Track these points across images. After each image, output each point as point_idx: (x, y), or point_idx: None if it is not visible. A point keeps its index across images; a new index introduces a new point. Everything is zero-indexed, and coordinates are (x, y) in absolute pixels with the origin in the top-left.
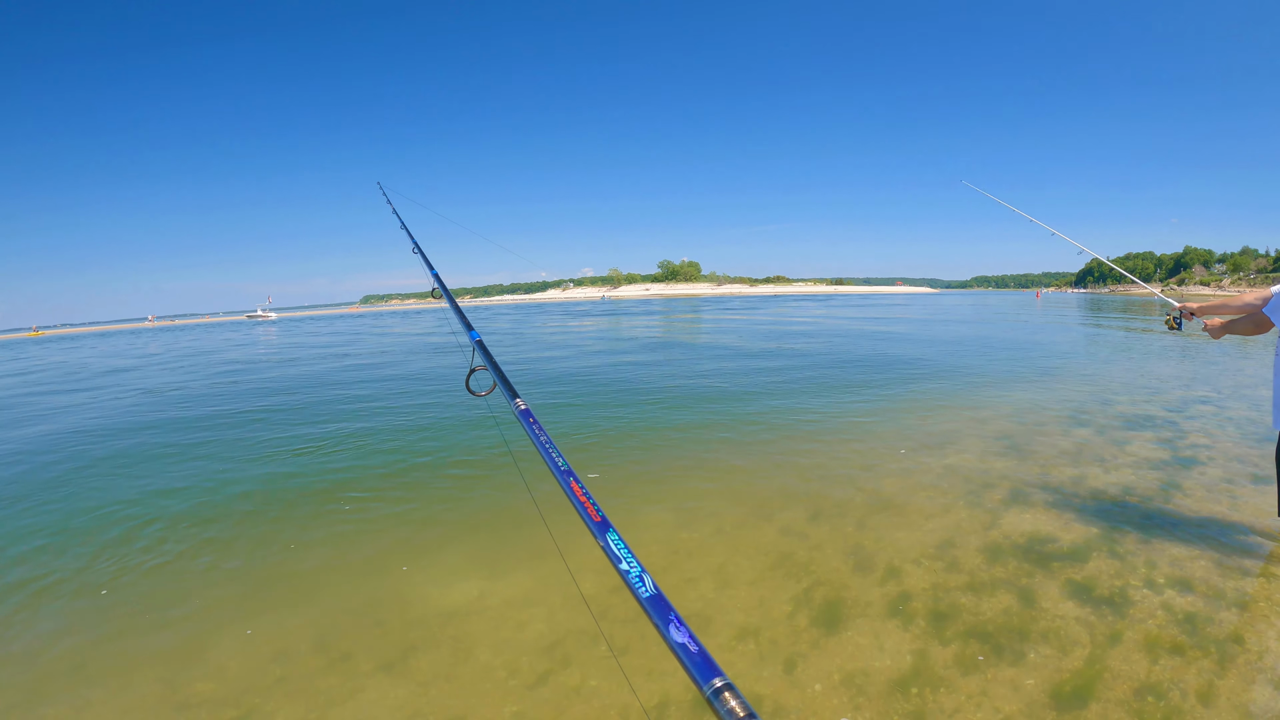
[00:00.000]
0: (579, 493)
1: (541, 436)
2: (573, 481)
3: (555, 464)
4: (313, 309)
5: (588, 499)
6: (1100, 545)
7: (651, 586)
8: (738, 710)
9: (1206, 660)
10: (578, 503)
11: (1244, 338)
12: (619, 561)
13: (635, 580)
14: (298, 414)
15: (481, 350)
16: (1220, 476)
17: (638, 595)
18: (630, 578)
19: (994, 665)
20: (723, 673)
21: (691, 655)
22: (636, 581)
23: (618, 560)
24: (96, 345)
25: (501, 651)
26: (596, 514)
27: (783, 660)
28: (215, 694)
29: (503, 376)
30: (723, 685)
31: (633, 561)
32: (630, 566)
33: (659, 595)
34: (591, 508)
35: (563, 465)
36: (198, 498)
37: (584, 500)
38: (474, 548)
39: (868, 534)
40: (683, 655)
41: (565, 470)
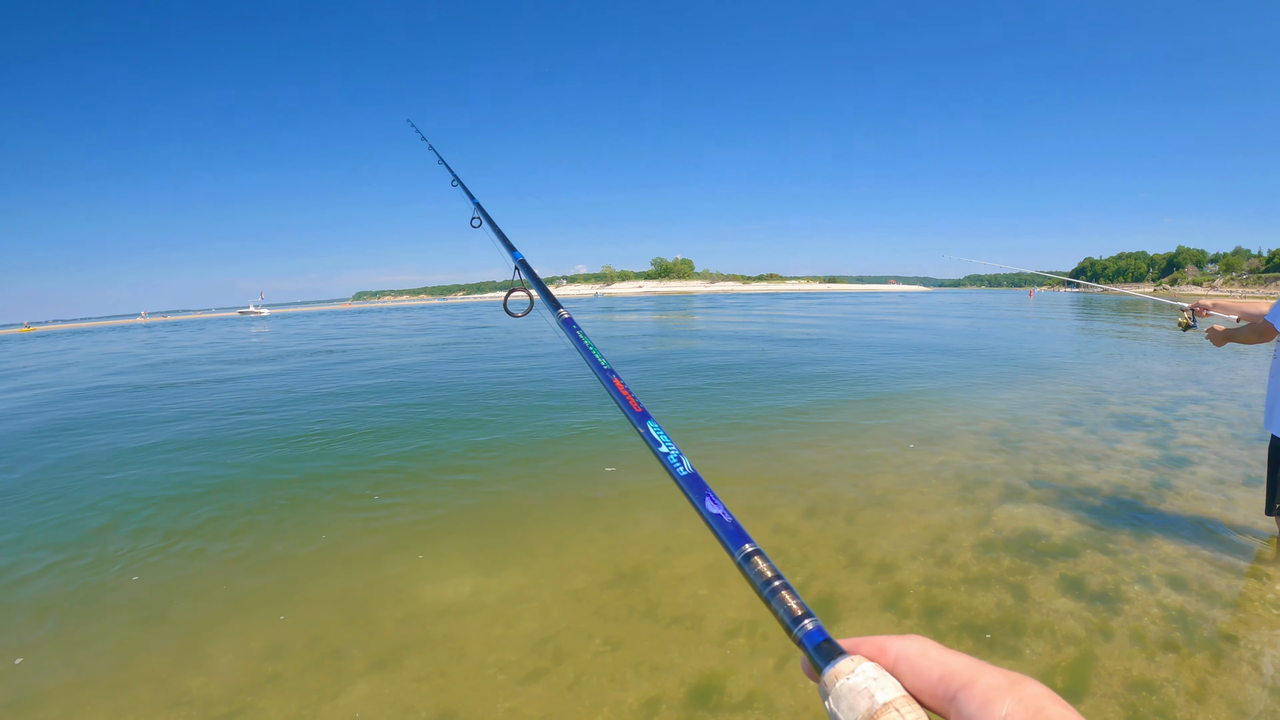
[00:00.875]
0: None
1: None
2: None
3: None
4: (305, 305)
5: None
6: (1093, 542)
7: (689, 466)
8: (765, 571)
9: (1199, 657)
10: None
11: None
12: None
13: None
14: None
15: (525, 269)
16: (1212, 476)
17: (675, 474)
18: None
19: (987, 660)
20: (753, 540)
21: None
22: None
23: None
24: (113, 340)
25: (494, 648)
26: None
27: (776, 656)
28: (208, 691)
29: (546, 291)
30: (753, 550)
31: (670, 445)
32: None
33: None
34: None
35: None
36: (189, 495)
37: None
38: (467, 545)
39: (861, 530)
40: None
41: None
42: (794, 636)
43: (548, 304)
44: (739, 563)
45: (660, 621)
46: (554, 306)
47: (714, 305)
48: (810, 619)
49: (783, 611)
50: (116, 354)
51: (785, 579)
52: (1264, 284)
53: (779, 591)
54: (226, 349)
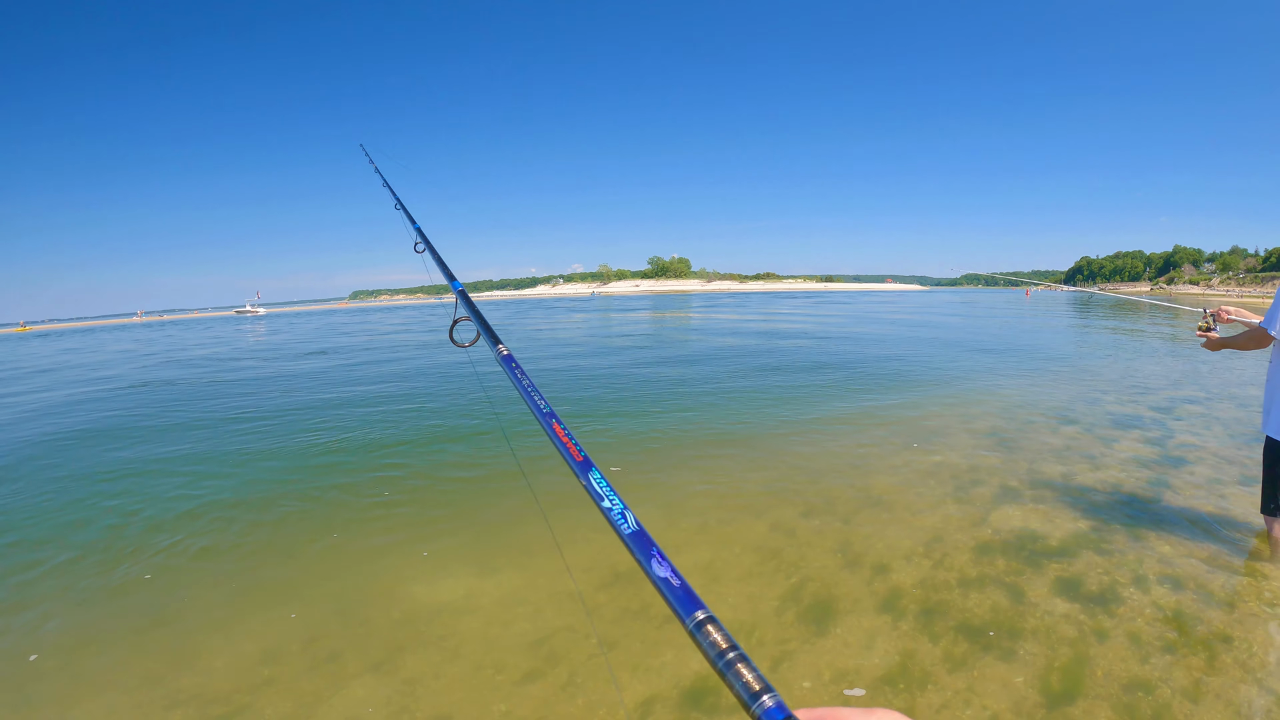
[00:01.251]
0: (561, 434)
1: (524, 381)
2: (555, 423)
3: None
4: (301, 304)
5: (569, 439)
6: (1089, 543)
7: (634, 523)
8: (720, 642)
9: (1195, 658)
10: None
11: None
12: (601, 499)
13: (618, 517)
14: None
15: (464, 300)
16: (1208, 476)
17: (620, 531)
18: (613, 515)
19: (983, 662)
20: (705, 605)
21: (674, 589)
22: (619, 519)
23: (600, 498)
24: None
25: (489, 649)
26: (579, 454)
27: (771, 657)
28: (204, 692)
29: (485, 325)
30: (705, 618)
31: (615, 499)
32: (612, 504)
33: (641, 531)
34: (574, 448)
35: (545, 408)
36: (186, 497)
37: (566, 441)
38: (462, 546)
39: (857, 531)
40: (665, 590)
41: (548, 413)
42: (751, 713)
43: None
44: (690, 630)
45: (654, 622)
46: (494, 342)
47: (712, 304)
48: (770, 694)
49: (739, 686)
50: (143, 353)
51: (741, 649)
52: (1261, 283)
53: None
54: (240, 347)
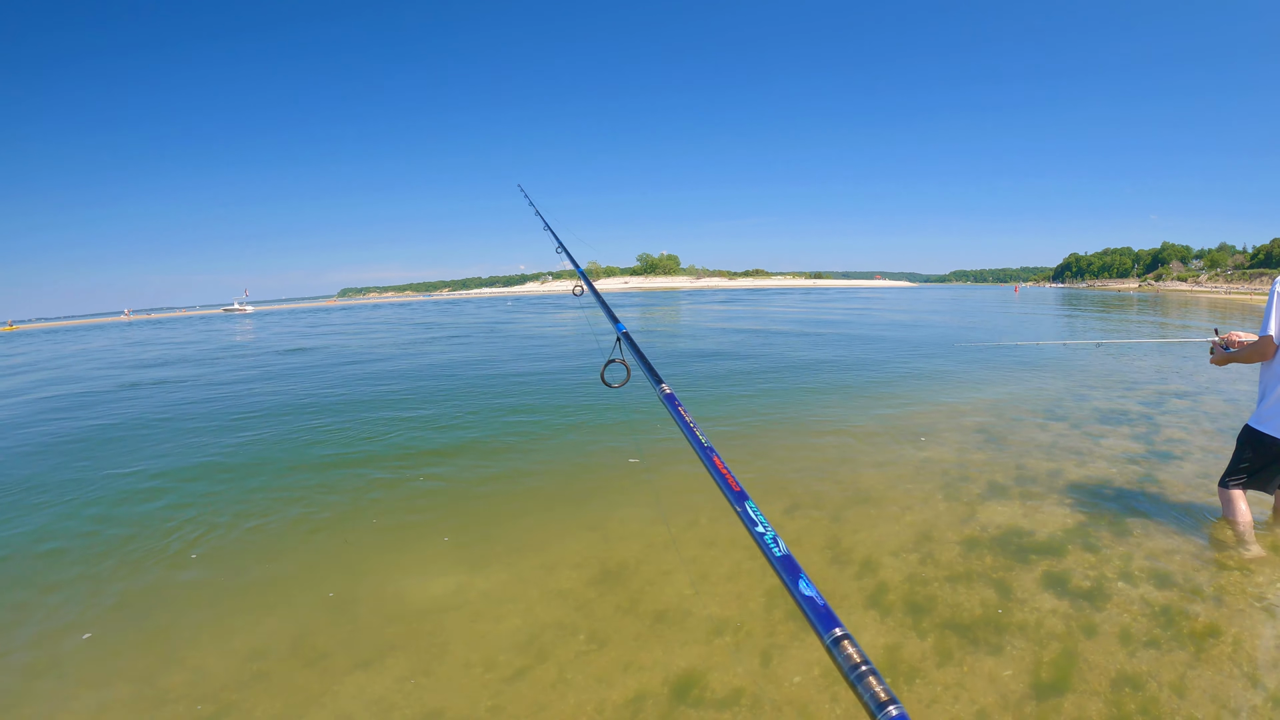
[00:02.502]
0: (720, 466)
1: (687, 418)
2: (715, 457)
3: (699, 442)
4: (290, 302)
5: (728, 472)
6: (1077, 538)
7: (784, 549)
8: (854, 656)
9: (1182, 652)
10: (719, 475)
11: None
12: (754, 525)
13: (770, 542)
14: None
15: (627, 342)
16: (1196, 471)
17: (770, 555)
18: (765, 540)
19: (971, 657)
20: (842, 624)
21: (817, 608)
22: (771, 544)
23: (753, 524)
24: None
25: (478, 647)
26: (736, 485)
27: (760, 653)
28: (192, 691)
29: (647, 364)
30: (842, 635)
31: (768, 526)
32: (765, 530)
33: (789, 556)
34: (732, 479)
35: (706, 444)
36: (172, 492)
37: (725, 473)
38: (451, 544)
39: (845, 527)
40: (808, 608)
41: (709, 448)
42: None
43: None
44: (828, 645)
45: (644, 618)
46: (656, 381)
47: (700, 300)
48: (895, 705)
49: (868, 696)
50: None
51: (871, 664)
52: (1248, 279)
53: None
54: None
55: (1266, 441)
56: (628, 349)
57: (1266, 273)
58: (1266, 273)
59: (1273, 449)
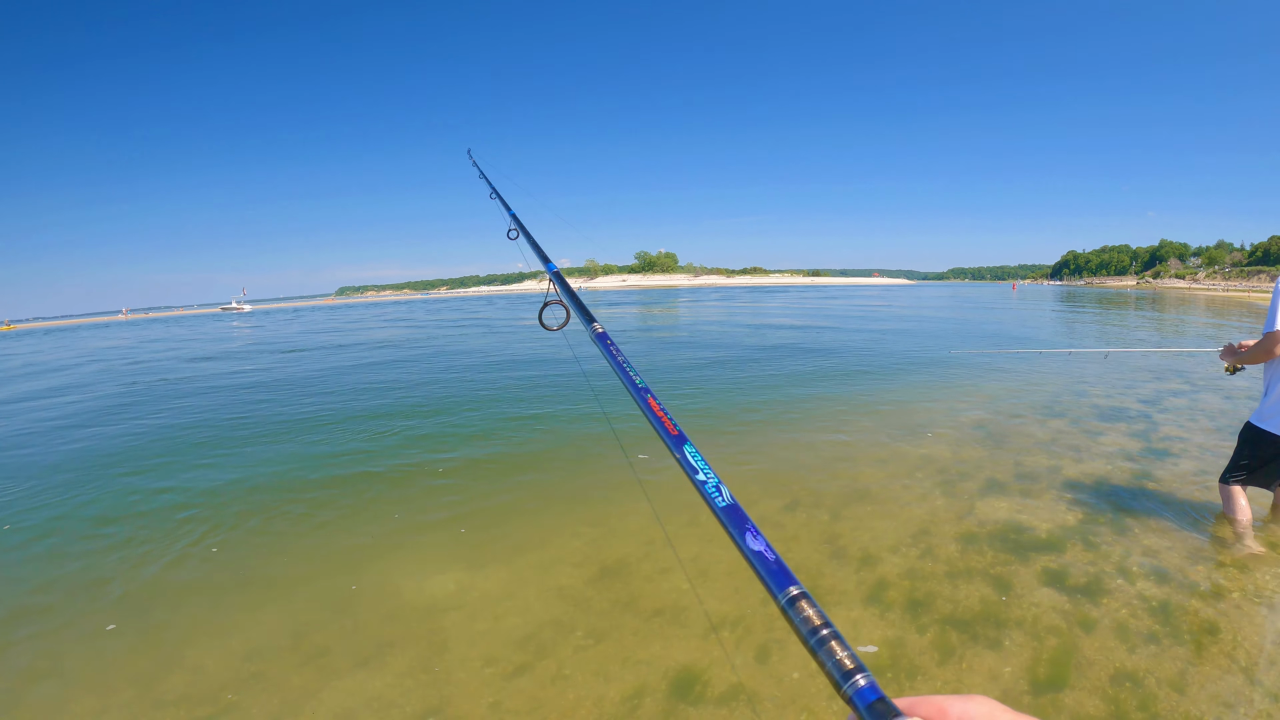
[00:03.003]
0: (655, 408)
1: (619, 357)
2: (649, 398)
3: (632, 382)
4: (288, 301)
5: (664, 414)
6: (1075, 534)
7: (728, 497)
8: (813, 618)
9: (1181, 648)
10: (654, 418)
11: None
12: (695, 473)
13: (712, 490)
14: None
15: (558, 280)
16: (1194, 469)
17: (713, 505)
18: (707, 488)
19: (971, 652)
20: (798, 581)
21: (767, 563)
22: (713, 491)
23: (694, 471)
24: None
25: (478, 644)
26: (674, 428)
27: (758, 648)
28: (191, 691)
29: (579, 304)
30: (798, 593)
31: (709, 473)
32: (707, 477)
33: (735, 505)
34: (669, 422)
35: (640, 383)
36: (170, 494)
37: (661, 415)
38: (450, 542)
39: (844, 523)
40: (758, 564)
41: (643, 388)
42: (843, 693)
43: (581, 318)
44: (782, 606)
45: (643, 615)
46: (588, 320)
47: (699, 300)
48: (863, 674)
49: (831, 664)
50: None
51: (834, 627)
52: (1246, 277)
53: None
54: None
55: (1267, 439)
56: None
57: (1264, 270)
58: (1264, 270)
59: (1273, 446)
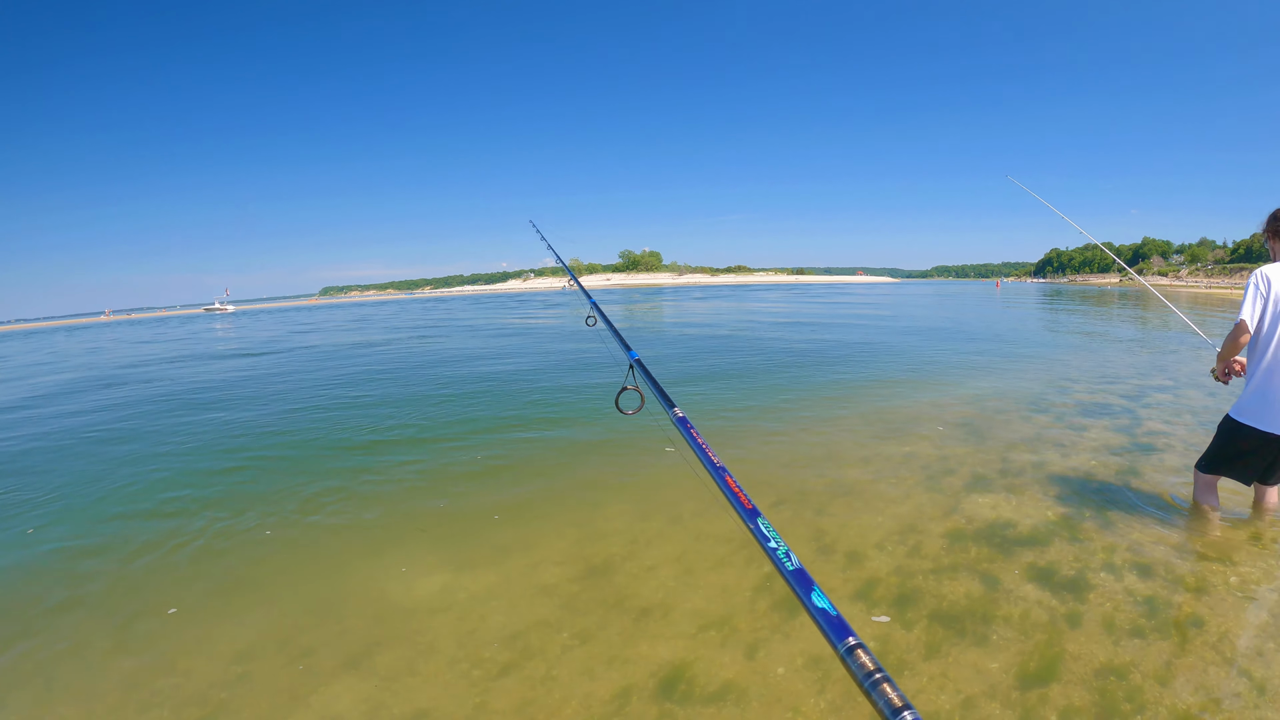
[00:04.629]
0: (733, 485)
1: (699, 440)
2: (727, 476)
3: (711, 463)
4: (271, 301)
5: (740, 491)
6: (1060, 530)
7: (796, 562)
8: (868, 664)
9: (1165, 642)
10: (731, 494)
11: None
12: (767, 541)
13: (782, 556)
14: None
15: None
16: (1178, 463)
17: (783, 569)
18: (777, 555)
19: (957, 648)
20: (855, 633)
21: (830, 620)
22: (783, 558)
23: (765, 540)
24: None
25: (465, 644)
26: (748, 502)
27: (745, 646)
28: (179, 693)
29: (660, 389)
30: (855, 644)
31: (780, 541)
32: (777, 545)
33: (802, 570)
34: (744, 497)
35: (718, 463)
36: (155, 496)
37: (737, 491)
38: (436, 543)
39: (830, 520)
40: (821, 620)
41: (720, 467)
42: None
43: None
44: (841, 654)
45: (629, 614)
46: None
47: (683, 297)
48: (909, 711)
49: (883, 704)
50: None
51: (885, 671)
52: (1229, 274)
53: (880, 684)
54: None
55: (1244, 431)
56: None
57: (1246, 267)
58: (1246, 267)
59: (1250, 439)
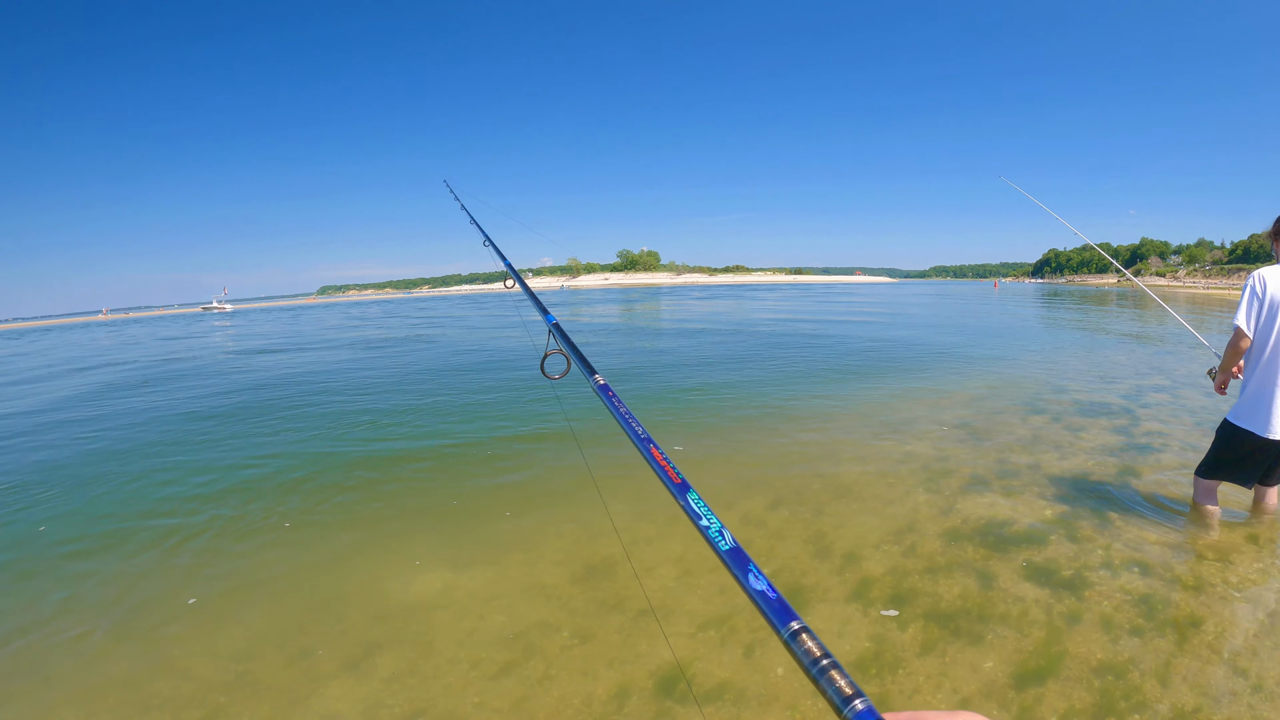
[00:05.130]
0: (659, 457)
1: (621, 408)
2: (653, 448)
3: (635, 433)
4: (269, 300)
5: (667, 463)
6: (1058, 529)
7: (730, 540)
8: (814, 650)
9: (1163, 641)
10: (658, 467)
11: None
12: (699, 519)
13: (715, 535)
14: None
15: (558, 333)
16: (1175, 463)
17: (717, 549)
18: (710, 532)
19: (953, 647)
20: (799, 616)
21: (769, 601)
22: (716, 535)
23: (698, 517)
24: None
25: (464, 644)
26: (677, 476)
27: (743, 646)
28: (178, 694)
29: (580, 355)
30: (799, 628)
31: (712, 518)
32: (710, 522)
33: (737, 548)
34: (671, 471)
35: (642, 434)
36: (154, 496)
37: (664, 464)
38: (434, 543)
39: (827, 521)
40: (761, 602)
41: (645, 438)
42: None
43: (583, 369)
44: (785, 639)
45: (628, 613)
46: (590, 372)
47: (681, 297)
48: (861, 699)
49: (831, 691)
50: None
51: (833, 657)
52: (1227, 275)
53: (828, 670)
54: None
55: (1242, 435)
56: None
57: (1244, 268)
58: (1244, 268)
59: (1248, 443)
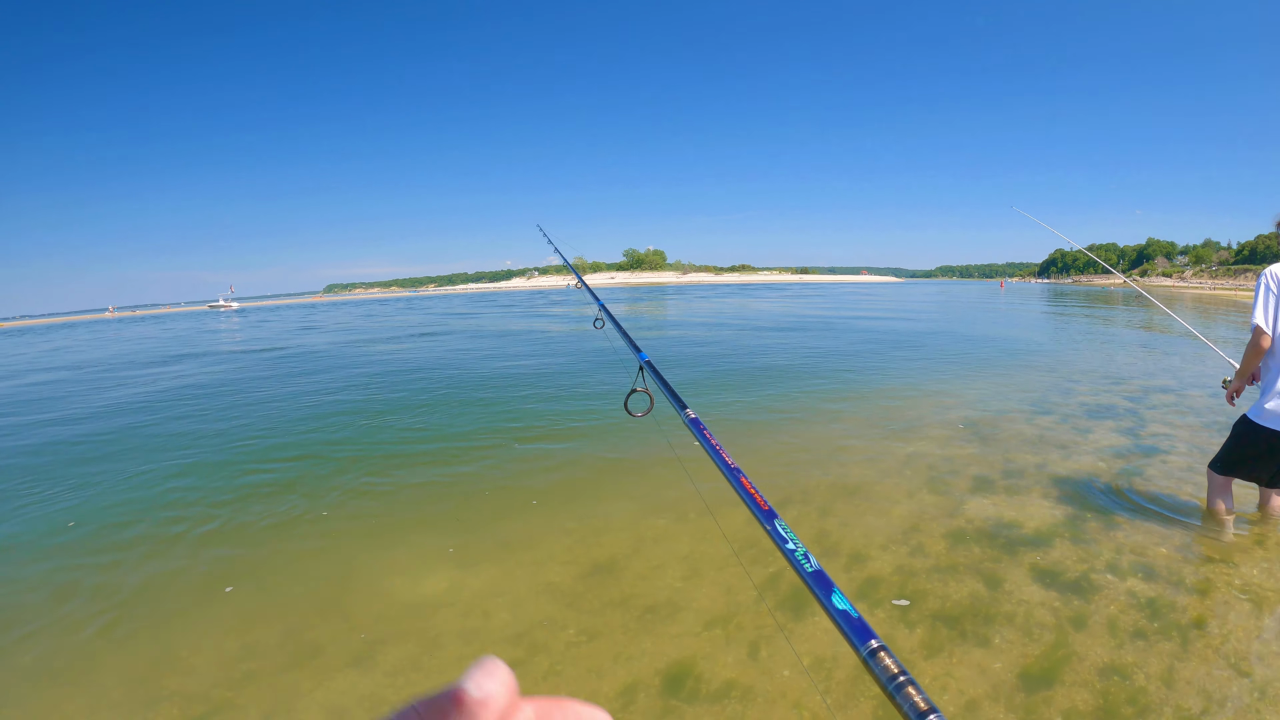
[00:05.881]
0: (748, 486)
1: (713, 441)
2: (742, 478)
3: (726, 464)
4: (275, 298)
5: (756, 492)
6: (1064, 531)
7: (815, 564)
8: (891, 667)
9: (1169, 644)
10: (747, 495)
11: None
12: (784, 543)
13: (801, 558)
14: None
15: (651, 370)
16: (1182, 465)
17: (802, 571)
18: (795, 556)
19: (960, 648)
20: (877, 635)
21: (851, 621)
22: (802, 559)
23: (783, 541)
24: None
25: (470, 641)
26: (764, 503)
27: (749, 645)
28: (184, 689)
29: (671, 390)
30: (878, 647)
31: (797, 543)
32: (795, 546)
33: (821, 571)
34: (760, 498)
35: (733, 465)
36: (156, 490)
37: (753, 493)
38: (441, 540)
39: (833, 520)
40: (842, 621)
41: (735, 469)
42: None
43: (674, 403)
44: (864, 657)
45: (634, 612)
46: (681, 406)
47: (687, 296)
48: (935, 714)
49: (907, 707)
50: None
51: (910, 675)
52: (1233, 275)
53: (904, 687)
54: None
55: (1262, 434)
56: (653, 377)
57: (1251, 269)
58: (1251, 269)
59: (1267, 441)
